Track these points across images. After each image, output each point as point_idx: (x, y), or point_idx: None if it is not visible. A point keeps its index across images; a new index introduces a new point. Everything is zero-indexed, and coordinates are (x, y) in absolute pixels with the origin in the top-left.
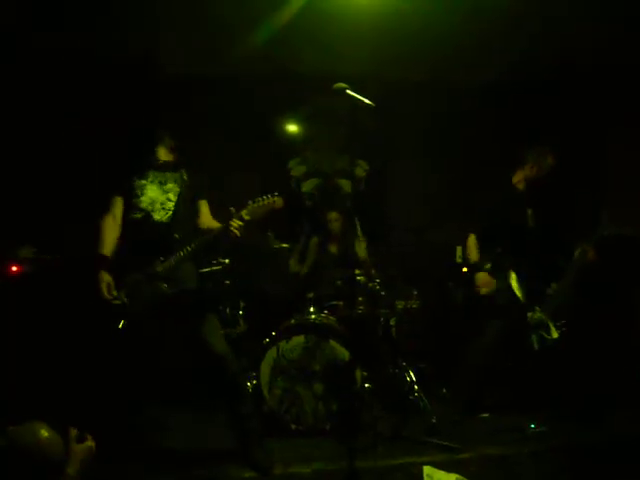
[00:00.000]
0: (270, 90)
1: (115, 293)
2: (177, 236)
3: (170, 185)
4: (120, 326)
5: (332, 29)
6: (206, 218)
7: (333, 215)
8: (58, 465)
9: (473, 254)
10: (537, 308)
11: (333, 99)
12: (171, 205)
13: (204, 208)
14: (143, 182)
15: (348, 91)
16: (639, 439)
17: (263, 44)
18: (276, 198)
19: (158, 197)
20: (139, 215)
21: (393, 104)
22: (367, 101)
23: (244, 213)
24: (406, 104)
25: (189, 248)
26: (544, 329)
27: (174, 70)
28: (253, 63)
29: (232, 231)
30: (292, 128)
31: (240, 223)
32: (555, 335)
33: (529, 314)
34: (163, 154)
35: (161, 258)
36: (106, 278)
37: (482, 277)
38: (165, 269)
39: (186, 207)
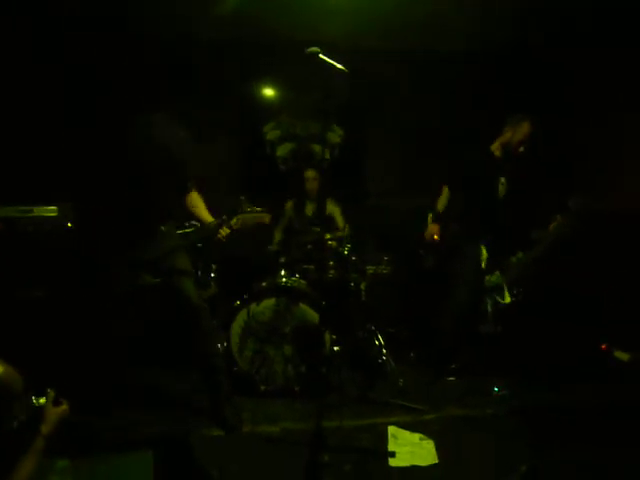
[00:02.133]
0: (245, 55)
1: None
2: (164, 229)
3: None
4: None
5: None
6: (193, 196)
7: (310, 173)
8: (19, 397)
9: (441, 204)
10: (497, 272)
11: (307, 64)
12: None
13: (191, 185)
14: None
15: (321, 55)
16: (599, 405)
17: (238, 7)
18: (265, 215)
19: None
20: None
21: (370, 71)
22: (340, 66)
23: (233, 222)
24: (383, 71)
25: (173, 243)
26: (498, 293)
27: (148, 29)
28: (228, 27)
29: (218, 237)
30: (267, 92)
31: (228, 231)
32: (507, 300)
33: (487, 277)
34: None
35: (145, 247)
36: None
37: (432, 227)
38: (149, 259)
39: (172, 189)
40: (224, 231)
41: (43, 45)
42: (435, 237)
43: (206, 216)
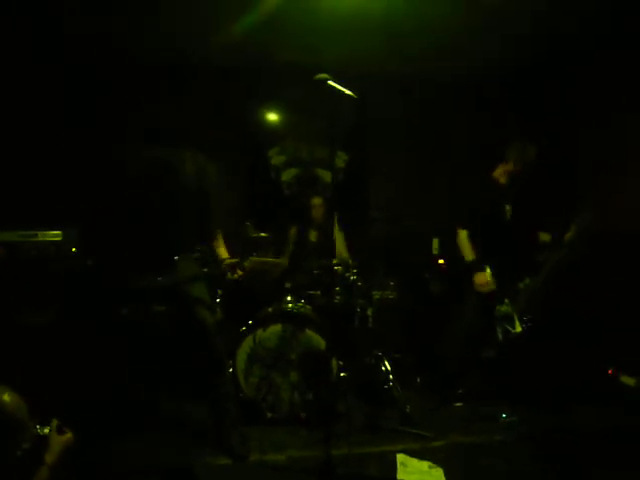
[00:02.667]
0: (251, 80)
1: None
2: (177, 259)
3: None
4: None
5: (312, 19)
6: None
7: (317, 201)
8: (22, 425)
9: (468, 252)
10: (506, 301)
11: (313, 89)
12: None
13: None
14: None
15: (330, 82)
16: (605, 429)
17: (245, 32)
18: (280, 261)
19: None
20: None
21: (374, 96)
22: (349, 92)
23: (246, 264)
24: (387, 96)
25: (188, 276)
26: (509, 322)
27: (155, 58)
28: (234, 52)
29: (230, 276)
30: (272, 117)
31: (240, 273)
32: (518, 329)
33: (497, 306)
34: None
35: (158, 277)
36: None
37: (482, 277)
38: (160, 288)
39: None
40: (237, 274)
41: (47, 64)
42: (441, 262)
43: (222, 251)
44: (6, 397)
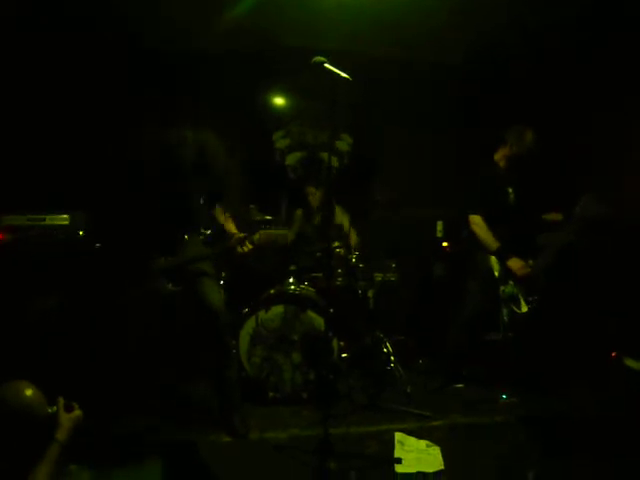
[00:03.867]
0: (254, 63)
1: None
2: (186, 237)
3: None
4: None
5: (313, 3)
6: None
7: (311, 189)
8: (43, 423)
9: (491, 240)
10: (510, 282)
11: (315, 73)
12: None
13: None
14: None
15: (326, 64)
16: (607, 413)
17: (246, 16)
18: (286, 232)
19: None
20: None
21: (375, 80)
22: (345, 75)
23: (255, 238)
24: (389, 81)
25: (197, 254)
26: (515, 303)
27: (153, 43)
28: (237, 36)
29: (239, 250)
30: (277, 101)
31: (250, 247)
32: (524, 309)
33: (502, 287)
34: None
35: (168, 257)
36: None
37: (517, 262)
38: (169, 267)
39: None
40: (246, 247)
41: (56, 55)
42: (444, 244)
43: (230, 227)
44: (29, 392)
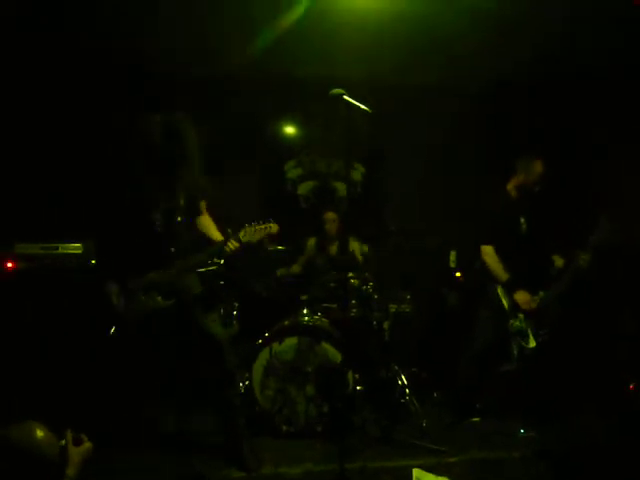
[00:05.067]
0: (268, 94)
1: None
2: (172, 249)
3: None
4: (111, 332)
5: (330, 34)
6: (204, 218)
7: (330, 215)
8: (54, 465)
9: (501, 272)
10: (520, 316)
11: (329, 103)
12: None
13: (202, 208)
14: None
15: (345, 97)
16: (625, 445)
17: (262, 48)
18: (272, 224)
19: (161, 212)
20: (145, 227)
21: (390, 109)
22: (363, 107)
23: (241, 235)
24: (403, 109)
25: (185, 264)
26: (523, 338)
27: (172, 72)
28: (251, 67)
29: (227, 250)
30: (289, 131)
31: (237, 245)
32: (533, 344)
33: (511, 321)
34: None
35: (158, 270)
36: (114, 289)
37: (524, 295)
38: (161, 281)
39: (184, 213)
40: (232, 244)
41: (66, 80)
42: (458, 275)
43: (217, 236)
44: (40, 434)
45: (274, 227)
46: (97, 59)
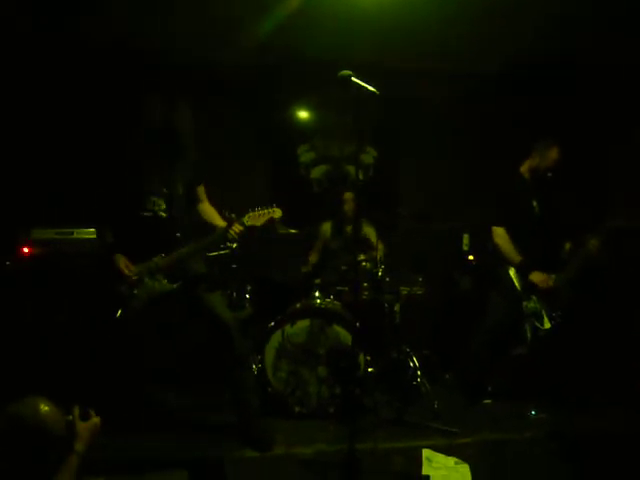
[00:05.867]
0: (279, 78)
1: (133, 269)
2: (179, 235)
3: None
4: (118, 315)
5: (339, 17)
6: (205, 205)
7: (349, 195)
8: (61, 439)
9: (513, 254)
10: (533, 297)
11: (340, 86)
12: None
13: (202, 195)
14: (151, 181)
15: (353, 78)
16: (635, 429)
17: (272, 31)
18: (275, 209)
19: (161, 197)
20: (149, 214)
21: (401, 92)
22: (372, 88)
23: (245, 220)
24: (415, 92)
25: (190, 248)
26: (537, 319)
27: (182, 58)
28: (262, 50)
29: (232, 235)
30: (301, 115)
31: (241, 228)
32: (547, 326)
33: (524, 303)
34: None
35: (162, 254)
36: (121, 258)
37: (538, 275)
38: (166, 264)
39: (183, 200)
40: (237, 228)
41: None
42: (471, 258)
43: (220, 222)
44: (46, 408)
45: (277, 212)
46: (104, 48)
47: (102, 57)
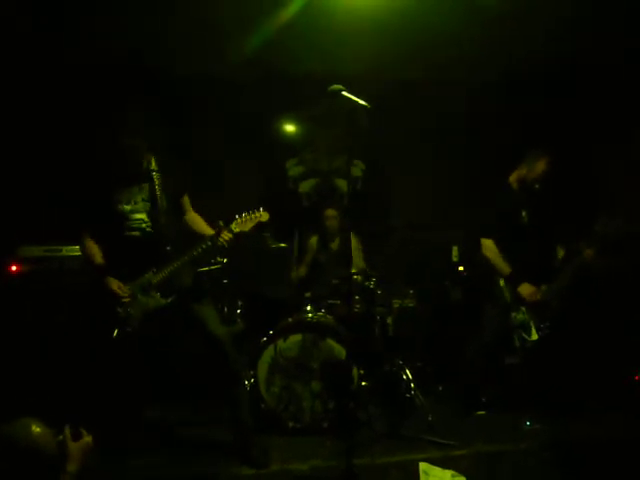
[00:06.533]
0: (268, 92)
1: (126, 289)
2: (169, 248)
3: (149, 195)
4: (115, 335)
5: (329, 30)
6: (191, 215)
7: (330, 212)
8: (53, 461)
9: (502, 265)
10: (522, 309)
11: (330, 100)
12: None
13: (187, 205)
14: (129, 198)
15: (344, 92)
16: (632, 438)
17: (260, 45)
18: (262, 212)
19: (143, 212)
20: (136, 233)
21: (391, 104)
22: (362, 102)
23: (233, 226)
24: (405, 104)
25: (181, 261)
26: (525, 330)
27: (171, 71)
28: (251, 64)
29: (221, 242)
30: (289, 129)
31: (230, 235)
32: (534, 337)
33: (513, 314)
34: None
35: (153, 269)
36: (113, 281)
37: (526, 287)
38: (159, 280)
39: (169, 213)
40: (226, 235)
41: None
42: (460, 269)
43: (208, 231)
44: (37, 430)
45: (264, 215)
46: (94, 59)
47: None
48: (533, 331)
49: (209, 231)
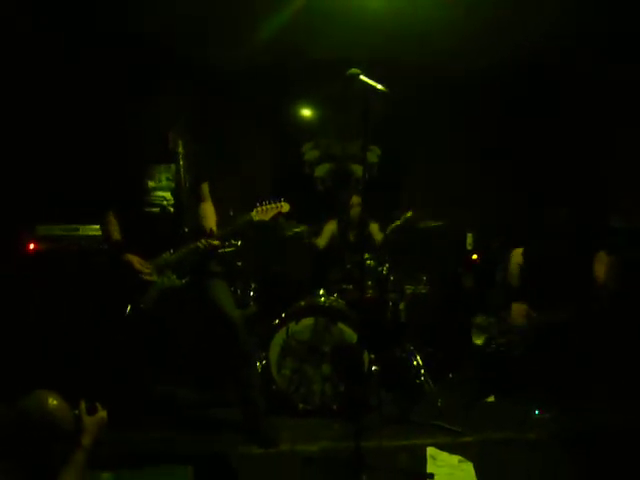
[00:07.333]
0: (284, 77)
1: (149, 267)
2: (187, 230)
3: (174, 175)
4: (127, 311)
5: (345, 14)
6: (205, 206)
7: (356, 199)
8: (68, 433)
9: (515, 279)
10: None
11: (346, 84)
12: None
13: (205, 192)
14: (153, 175)
15: (362, 77)
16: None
17: (275, 30)
18: (283, 203)
19: (167, 191)
20: (156, 209)
21: (407, 90)
22: (380, 87)
23: (253, 214)
24: (420, 90)
25: (199, 246)
26: None
27: (184, 58)
28: (266, 49)
29: (201, 246)
30: (306, 113)
31: (215, 244)
32: None
33: None
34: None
35: (170, 250)
36: (134, 257)
37: (519, 308)
38: (174, 260)
39: (190, 196)
40: (207, 242)
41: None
42: (474, 257)
43: (205, 227)
44: (54, 403)
45: (285, 206)
46: (109, 43)
47: (102, 56)
48: None
49: (205, 229)
